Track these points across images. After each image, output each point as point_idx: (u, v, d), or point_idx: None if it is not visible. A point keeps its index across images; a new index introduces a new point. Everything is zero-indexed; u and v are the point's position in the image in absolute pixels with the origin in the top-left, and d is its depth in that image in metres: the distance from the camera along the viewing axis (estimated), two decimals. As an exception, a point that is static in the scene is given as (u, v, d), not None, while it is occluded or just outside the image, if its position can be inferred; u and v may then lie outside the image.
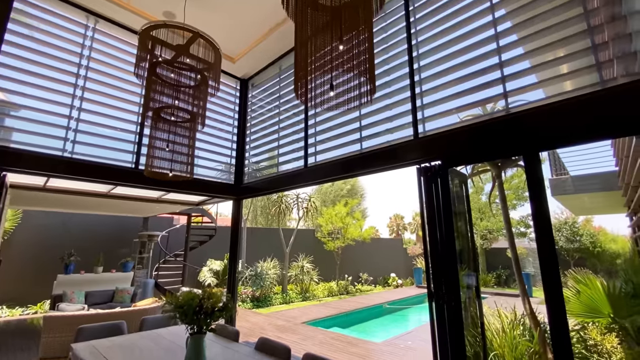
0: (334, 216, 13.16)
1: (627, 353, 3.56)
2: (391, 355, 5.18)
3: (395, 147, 3.76)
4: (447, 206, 3.22)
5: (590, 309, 3.94)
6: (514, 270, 13.53)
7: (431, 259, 3.25)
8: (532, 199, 2.67)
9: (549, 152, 6.67)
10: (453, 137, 3.29)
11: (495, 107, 3.53)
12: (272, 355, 2.71)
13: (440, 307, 3.11)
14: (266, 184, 5.43)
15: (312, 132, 4.85)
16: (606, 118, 2.46)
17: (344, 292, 12.54)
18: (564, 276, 4.51)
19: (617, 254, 13.90)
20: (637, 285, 3.79)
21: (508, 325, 3.98)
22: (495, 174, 4.31)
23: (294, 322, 7.48)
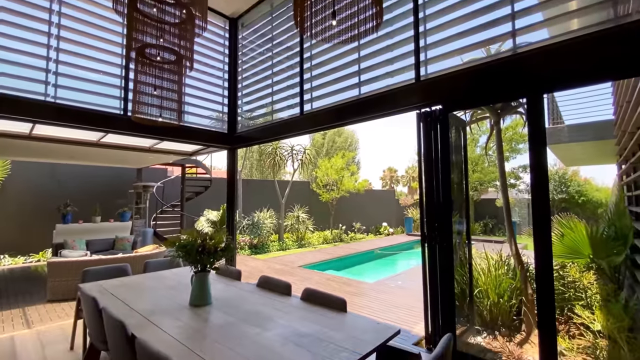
0: (330, 168, 13.22)
1: (602, 288, 3.87)
2: (383, 293, 5.56)
3: (395, 92, 3.63)
4: (445, 152, 3.22)
5: (572, 250, 4.18)
6: (502, 218, 14.02)
7: (426, 202, 3.32)
8: (532, 142, 2.65)
9: (548, 100, 6.56)
10: (455, 79, 3.17)
11: (500, 49, 3.35)
12: (273, 291, 2.87)
13: (432, 248, 3.26)
14: (260, 133, 5.31)
15: (307, 76, 4.64)
16: (616, 57, 2.36)
17: (338, 240, 13.08)
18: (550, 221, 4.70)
19: (599, 203, 14.48)
20: (618, 229, 3.98)
21: (494, 265, 4.24)
22: (494, 120, 4.26)
23: (291, 266, 7.88)
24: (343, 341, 1.83)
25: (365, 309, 4.76)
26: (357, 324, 2.09)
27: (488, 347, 3.56)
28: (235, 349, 1.74)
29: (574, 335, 3.56)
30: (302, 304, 2.51)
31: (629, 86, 3.24)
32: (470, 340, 3.71)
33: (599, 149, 6.62)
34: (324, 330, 1.98)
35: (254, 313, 2.30)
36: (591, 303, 3.67)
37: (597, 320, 3.33)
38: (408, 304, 4.90)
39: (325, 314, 2.27)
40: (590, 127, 6.09)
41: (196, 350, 1.74)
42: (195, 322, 2.17)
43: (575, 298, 3.88)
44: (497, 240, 12.25)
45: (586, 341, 3.35)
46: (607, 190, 15.03)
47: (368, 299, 5.26)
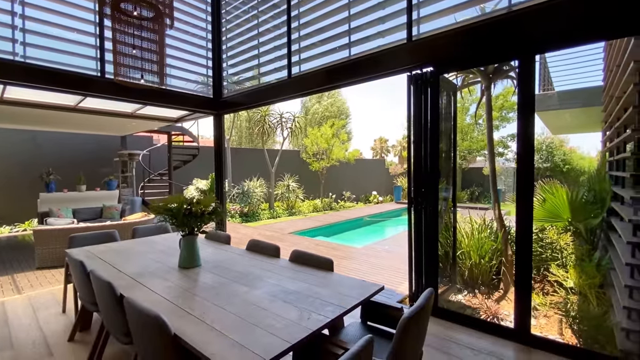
0: (320, 137, 13.08)
1: (577, 249, 4.06)
2: (371, 257, 5.75)
3: (386, 52, 3.51)
4: (434, 117, 3.18)
5: (552, 214, 4.32)
6: (489, 186, 14.27)
7: (414, 168, 3.34)
8: (521, 106, 2.64)
9: (540, 65, 6.48)
10: (448, 39, 3.07)
11: (496, 8, 3.22)
12: (262, 253, 2.92)
13: (419, 213, 3.32)
14: (247, 98, 5.14)
15: (295, 37, 4.42)
16: (607, 16, 2.29)
17: (328, 209, 13.27)
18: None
19: (583, 171, 14.88)
20: (597, 193, 4.12)
21: (477, 229, 4.38)
22: (485, 85, 4.19)
23: (282, 233, 8.01)
24: (329, 297, 1.89)
25: (353, 271, 4.93)
26: (343, 282, 2.16)
27: (468, 304, 3.77)
28: (224, 306, 1.79)
29: (548, 292, 3.79)
30: (290, 265, 2.56)
31: (620, 49, 3.20)
32: (452, 298, 3.91)
33: (587, 116, 6.67)
34: (311, 288, 2.04)
35: (243, 274, 2.35)
36: (566, 263, 3.86)
37: (570, 278, 3.53)
38: (394, 266, 5.09)
39: (312, 273, 2.33)
40: (580, 94, 6.08)
41: (185, 308, 1.77)
42: (185, 282, 2.20)
43: (552, 258, 4.08)
44: (482, 207, 12.62)
45: (558, 297, 3.57)
46: (591, 159, 15.39)
47: (356, 262, 5.44)
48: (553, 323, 3.32)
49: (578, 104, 6.15)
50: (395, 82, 41.02)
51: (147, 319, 1.54)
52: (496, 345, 2.72)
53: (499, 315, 3.43)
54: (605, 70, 4.98)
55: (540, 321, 3.41)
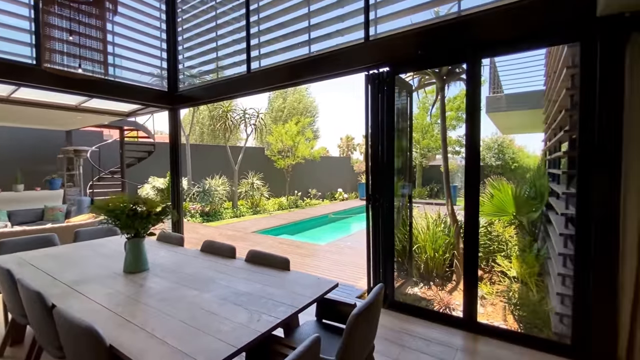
0: (284, 134, 12.96)
1: (520, 241, 4.40)
2: (333, 253, 5.81)
3: (346, 51, 3.53)
4: (390, 115, 3.25)
5: (499, 209, 4.64)
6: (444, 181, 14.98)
7: (372, 166, 3.40)
8: (469, 107, 2.78)
9: (490, 69, 6.91)
10: (403, 40, 3.14)
11: (448, 12, 3.35)
12: (218, 254, 2.82)
13: (377, 210, 3.39)
14: (205, 92, 4.94)
15: (255, 30, 4.31)
16: (546, 25, 2.48)
17: (294, 206, 13.21)
18: (483, 184, 5.15)
19: (528, 169, 16.14)
20: (537, 189, 4.48)
21: (432, 224, 4.58)
22: (439, 86, 4.38)
23: (245, 232, 7.84)
24: (282, 297, 1.86)
25: (315, 268, 4.95)
26: (299, 281, 2.14)
27: (423, 296, 3.93)
28: (169, 312, 1.69)
29: (495, 282, 4.06)
30: (245, 265, 2.50)
31: (556, 56, 3.48)
32: (409, 291, 4.06)
33: (532, 117, 7.21)
34: (265, 288, 2.00)
35: (194, 276, 2.25)
36: (510, 254, 4.16)
37: (513, 267, 3.81)
38: (355, 261, 5.18)
39: (268, 273, 2.29)
40: (526, 97, 6.55)
41: (125, 316, 1.66)
42: (128, 288, 2.06)
43: (498, 250, 4.38)
44: (439, 203, 13.25)
45: (503, 286, 3.83)
46: (536, 157, 16.75)
47: (318, 259, 5.46)
48: (499, 310, 3.56)
49: (524, 106, 6.63)
50: (361, 80, 41.57)
51: (79, 330, 1.41)
52: (447, 334, 2.86)
53: (451, 305, 3.61)
54: (545, 76, 5.42)
55: (487, 309, 3.64)
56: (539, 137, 20.44)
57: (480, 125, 2.73)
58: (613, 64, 2.23)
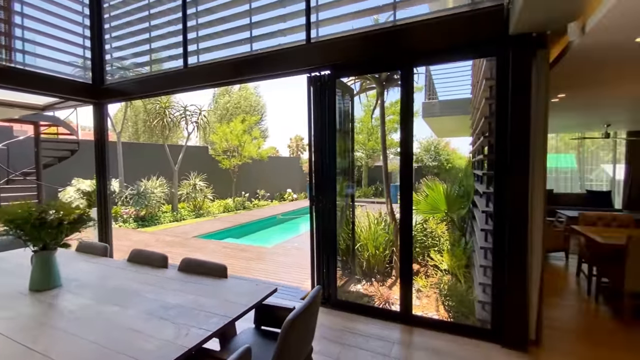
0: (229, 133, 12.49)
1: (451, 236, 4.78)
2: (280, 256, 5.74)
3: (288, 51, 3.50)
4: (332, 118, 3.30)
5: (433, 207, 4.99)
6: (389, 181, 15.70)
7: (315, 168, 3.42)
8: (403, 112, 2.94)
9: (426, 76, 7.42)
10: (344, 45, 3.21)
11: (387, 19, 3.50)
12: (147, 264, 2.59)
13: (319, 210, 3.42)
14: (137, 86, 4.53)
15: (193, 23, 4.07)
16: (469, 39, 2.72)
17: (241, 208, 12.82)
18: (419, 184, 5.51)
19: (461, 169, 17.72)
20: (465, 188, 4.92)
21: (373, 222, 4.77)
22: (379, 91, 4.57)
23: (185, 237, 7.38)
24: (216, 307, 1.77)
25: (260, 271, 4.84)
26: (235, 289, 2.05)
27: (365, 293, 4.07)
28: (82, 333, 1.50)
29: (429, 275, 4.35)
30: (178, 275, 2.33)
31: (479, 68, 3.84)
32: (352, 289, 4.17)
33: (462, 123, 7.90)
34: (198, 299, 1.88)
35: (116, 291, 2.03)
36: (442, 248, 4.50)
37: (444, 261, 4.13)
38: (301, 263, 5.18)
39: (202, 283, 2.16)
40: (457, 104, 7.14)
41: (27, 343, 1.43)
42: (34, 309, 1.79)
43: (432, 245, 4.71)
44: (382, 202, 13.90)
45: (436, 278, 4.13)
46: (467, 159, 18.47)
47: (264, 262, 5.35)
48: (432, 302, 3.83)
49: (455, 112, 7.22)
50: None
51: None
52: (385, 329, 2.98)
53: (390, 300, 3.79)
54: (472, 85, 5.97)
55: (423, 301, 3.89)
56: (468, 140, 22.53)
57: (413, 130, 2.90)
58: (522, 77, 2.52)
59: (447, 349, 2.64)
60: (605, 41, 2.41)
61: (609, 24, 2.08)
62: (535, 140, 2.54)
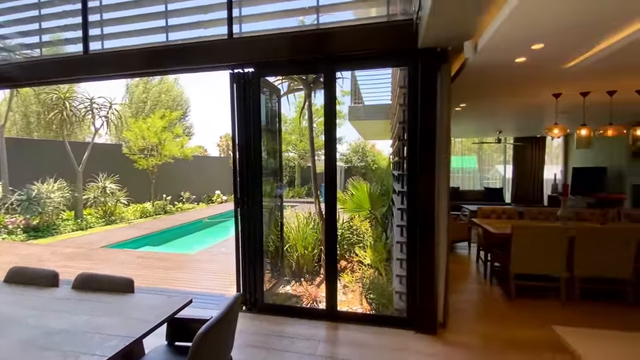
0: (147, 130, 11.33)
1: (374, 232, 5.08)
2: (205, 262, 5.40)
3: (209, 45, 3.30)
4: (257, 117, 3.21)
5: (358, 205, 5.25)
6: (322, 181, 16.09)
7: (239, 168, 3.29)
8: (326, 115, 3.01)
9: (351, 81, 7.78)
10: (269, 43, 3.15)
11: (313, 22, 3.54)
12: (31, 284, 2.17)
13: (245, 213, 3.30)
14: (23, 72, 3.80)
15: (95, 4, 3.57)
16: (386, 49, 2.91)
17: (161, 212, 11.73)
18: (347, 183, 5.74)
19: (384, 170, 19.07)
20: (386, 187, 5.28)
21: (302, 222, 4.80)
22: (306, 93, 4.62)
23: (89, 248, 6.44)
24: (116, 327, 1.56)
25: (180, 281, 4.48)
26: (143, 304, 1.84)
27: (294, 293, 4.06)
28: None
29: (355, 270, 4.56)
30: (72, 294, 2.00)
31: (395, 76, 4.16)
32: (280, 291, 4.12)
33: (385, 126, 8.48)
34: (93, 320, 1.63)
35: (-18, 320, 1.65)
36: (366, 244, 4.75)
37: (368, 256, 4.36)
38: (228, 269, 4.94)
39: (102, 300, 1.89)
40: (380, 108, 7.63)
41: None
42: None
43: (358, 242, 4.94)
44: (311, 201, 14.16)
45: (360, 273, 4.34)
46: (389, 159, 19.96)
47: (187, 270, 4.98)
48: (357, 296, 4.00)
49: (379, 117, 7.71)
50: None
51: None
52: (312, 328, 3.01)
53: (318, 298, 3.85)
54: (391, 92, 6.44)
55: (349, 297, 4.04)
56: (389, 143, 24.29)
57: (336, 132, 2.99)
58: (429, 87, 2.79)
59: (368, 341, 2.78)
60: (493, 60, 2.82)
61: (494, 45, 2.43)
62: (441, 144, 2.83)
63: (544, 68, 3.07)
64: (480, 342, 2.77)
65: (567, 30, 2.22)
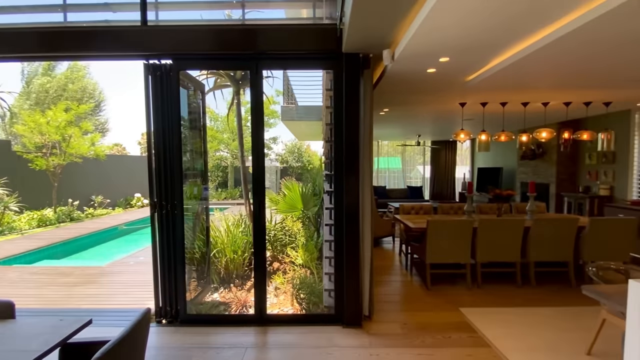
0: (46, 124, 9.69)
1: (306, 231, 5.13)
2: (118, 274, 4.81)
3: (118, 31, 2.94)
4: (177, 112, 2.97)
5: (291, 206, 5.25)
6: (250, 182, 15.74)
7: (157, 168, 3.01)
8: (253, 114, 2.92)
9: (283, 82, 7.75)
10: (190, 35, 2.94)
11: (240, 17, 3.40)
12: None
13: (163, 217, 3.03)
14: None
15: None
16: (314, 51, 2.94)
17: (67, 220, 10.14)
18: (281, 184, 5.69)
19: (317, 170, 19.45)
20: (316, 187, 5.37)
21: (233, 225, 4.61)
22: (235, 90, 4.45)
23: (-36, 267, 5.24)
24: (-18, 364, 1.27)
25: (88, 298, 3.92)
26: (25, 331, 1.55)
27: (222, 300, 3.87)
28: None
29: (287, 272, 4.53)
30: None
31: (325, 79, 4.25)
32: (207, 299, 3.89)
33: (318, 127, 8.62)
34: (-51, 359, 1.31)
35: None
36: (298, 245, 4.77)
37: (299, 256, 4.38)
38: (147, 280, 4.48)
39: (-34, 332, 1.53)
40: (313, 110, 7.73)
41: None
42: None
43: (290, 242, 4.93)
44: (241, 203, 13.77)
45: (293, 274, 4.34)
46: (321, 159, 20.45)
47: (96, 285, 4.37)
48: (289, 297, 3.99)
49: (312, 118, 7.81)
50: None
51: None
52: (240, 335, 2.90)
53: (248, 303, 3.73)
54: (322, 94, 6.59)
55: (280, 299, 4.00)
56: (322, 144, 24.86)
57: (264, 132, 2.93)
58: (353, 91, 2.90)
59: (296, 341, 2.78)
60: (409, 68, 3.06)
61: (408, 55, 2.64)
62: (364, 146, 2.97)
63: (450, 79, 3.44)
64: (400, 329, 2.98)
65: (465, 49, 2.52)
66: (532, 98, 4.38)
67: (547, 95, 4.23)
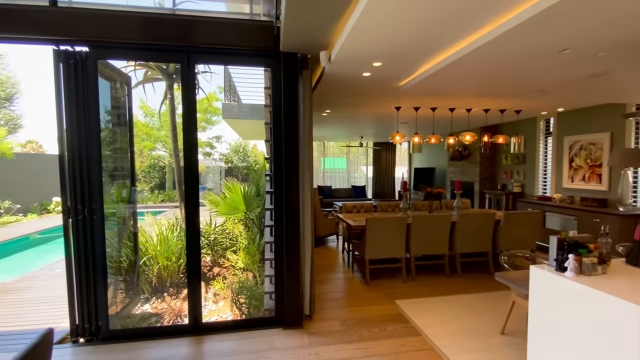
0: None
1: (249, 233, 4.98)
2: (28, 290, 4.17)
3: (21, 10, 2.54)
4: (95, 107, 2.66)
5: (232, 207, 5.05)
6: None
7: (69, 168, 2.67)
8: (185, 110, 2.74)
9: (224, 78, 7.44)
10: (110, 20, 2.65)
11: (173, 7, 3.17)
12: None
13: (79, 224, 2.70)
14: None
15: None
16: (251, 48, 2.85)
17: (-40, 230, 8.52)
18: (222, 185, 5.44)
19: (261, 170, 19.13)
20: (259, 187, 5.26)
21: (167, 230, 4.29)
22: (168, 84, 4.15)
23: None
24: None
25: (-15, 321, 3.33)
26: None
27: (154, 311, 3.58)
28: None
29: (227, 277, 4.36)
30: None
31: (264, 77, 4.16)
32: (136, 311, 3.57)
33: (263, 126, 8.43)
34: None
35: None
36: (239, 248, 4.61)
37: (240, 259, 4.24)
38: (63, 295, 3.96)
39: None
40: (257, 108, 7.53)
41: None
42: None
43: (231, 245, 4.75)
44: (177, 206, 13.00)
45: (233, 279, 4.18)
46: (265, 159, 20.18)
47: (-3, 306, 3.74)
48: (229, 303, 3.83)
49: (255, 116, 7.61)
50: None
51: None
52: (172, 347, 2.70)
53: (183, 312, 3.49)
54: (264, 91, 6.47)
55: (219, 305, 3.83)
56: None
57: (196, 130, 2.77)
58: (292, 91, 2.89)
59: (234, 348, 2.68)
60: (345, 71, 3.14)
61: (343, 58, 2.70)
62: (304, 146, 2.98)
63: (385, 84, 3.62)
64: (340, 325, 3.05)
65: (396, 55, 2.66)
66: (457, 104, 4.82)
67: (470, 102, 4.68)
